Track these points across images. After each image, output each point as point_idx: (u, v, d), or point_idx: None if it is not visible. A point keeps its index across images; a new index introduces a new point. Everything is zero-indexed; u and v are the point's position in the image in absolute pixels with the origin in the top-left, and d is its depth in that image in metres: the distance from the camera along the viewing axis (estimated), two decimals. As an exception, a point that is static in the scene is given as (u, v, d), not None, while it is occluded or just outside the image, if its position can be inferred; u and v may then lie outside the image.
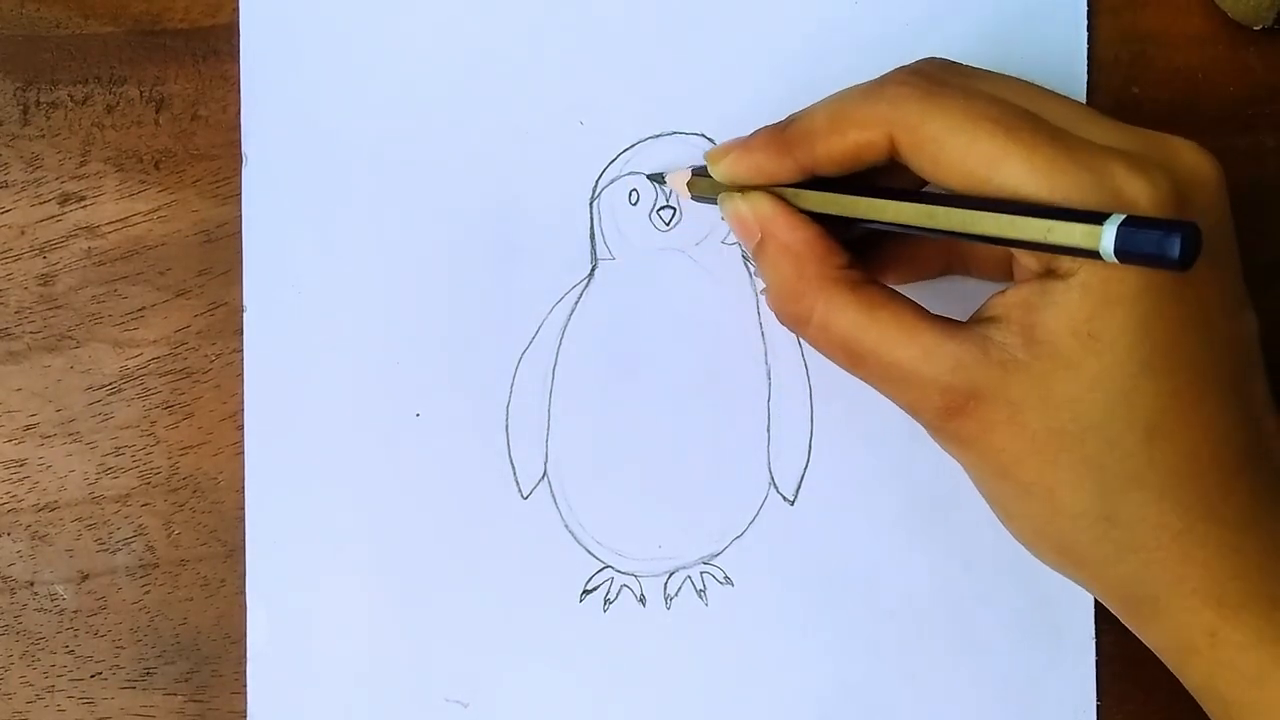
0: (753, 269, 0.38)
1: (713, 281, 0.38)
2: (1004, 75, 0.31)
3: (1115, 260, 0.25)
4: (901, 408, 0.31)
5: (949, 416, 0.29)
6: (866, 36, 0.38)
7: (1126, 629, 0.33)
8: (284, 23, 0.37)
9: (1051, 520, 0.30)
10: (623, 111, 0.38)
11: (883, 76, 0.31)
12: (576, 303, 0.38)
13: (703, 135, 0.37)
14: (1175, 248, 0.25)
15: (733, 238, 0.38)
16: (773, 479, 0.38)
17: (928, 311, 0.30)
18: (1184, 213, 0.28)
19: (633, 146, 0.38)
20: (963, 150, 0.28)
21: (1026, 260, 0.29)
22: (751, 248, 0.33)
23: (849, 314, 0.30)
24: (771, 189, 0.32)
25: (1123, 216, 0.25)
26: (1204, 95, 0.39)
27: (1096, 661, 0.38)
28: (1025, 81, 0.31)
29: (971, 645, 0.38)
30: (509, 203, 0.37)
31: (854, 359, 0.31)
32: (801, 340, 0.37)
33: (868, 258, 0.34)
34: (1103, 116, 0.30)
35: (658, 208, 0.38)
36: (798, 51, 0.38)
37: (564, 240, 0.38)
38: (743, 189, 0.33)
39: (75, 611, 0.37)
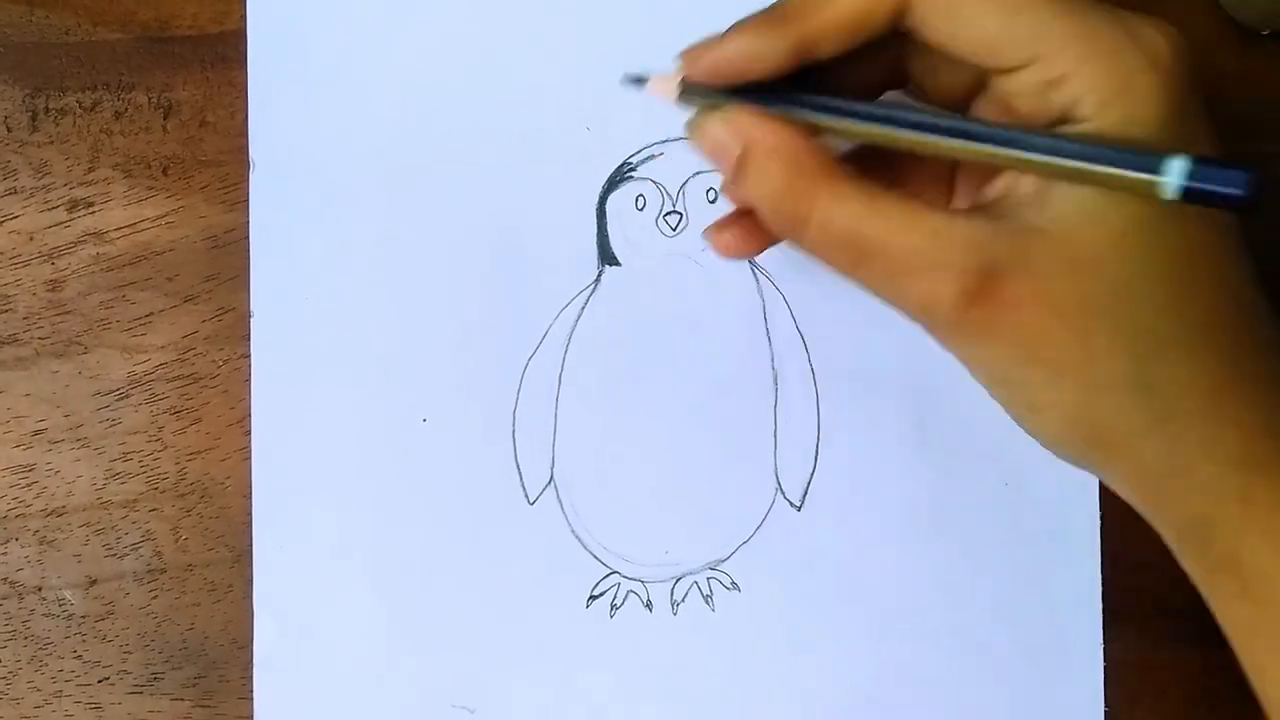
0: (759, 274, 0.38)
1: (719, 287, 0.38)
2: None
3: (1177, 195, 0.25)
4: (913, 313, 0.29)
5: (969, 304, 0.27)
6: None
7: (1134, 635, 0.33)
8: (291, 29, 0.37)
9: (1085, 399, 0.28)
10: (629, 117, 0.38)
11: None
12: (583, 308, 0.38)
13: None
14: (1243, 184, 0.25)
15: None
16: (779, 485, 0.38)
17: (930, 204, 0.28)
18: (1189, 65, 0.28)
19: (639, 152, 0.38)
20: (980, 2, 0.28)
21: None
22: (730, 170, 0.29)
23: (850, 205, 0.28)
24: (783, 110, 0.29)
25: (1190, 157, 0.25)
26: (1210, 100, 0.39)
27: (1104, 668, 0.38)
28: None
29: (978, 651, 0.38)
30: (515, 208, 0.38)
31: (857, 256, 0.28)
32: (809, 344, 0.37)
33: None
34: None
35: (664, 213, 0.38)
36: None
37: (570, 246, 0.38)
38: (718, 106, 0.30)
39: (83, 616, 0.37)
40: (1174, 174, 0.25)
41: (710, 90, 0.30)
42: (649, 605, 0.38)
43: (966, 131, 0.28)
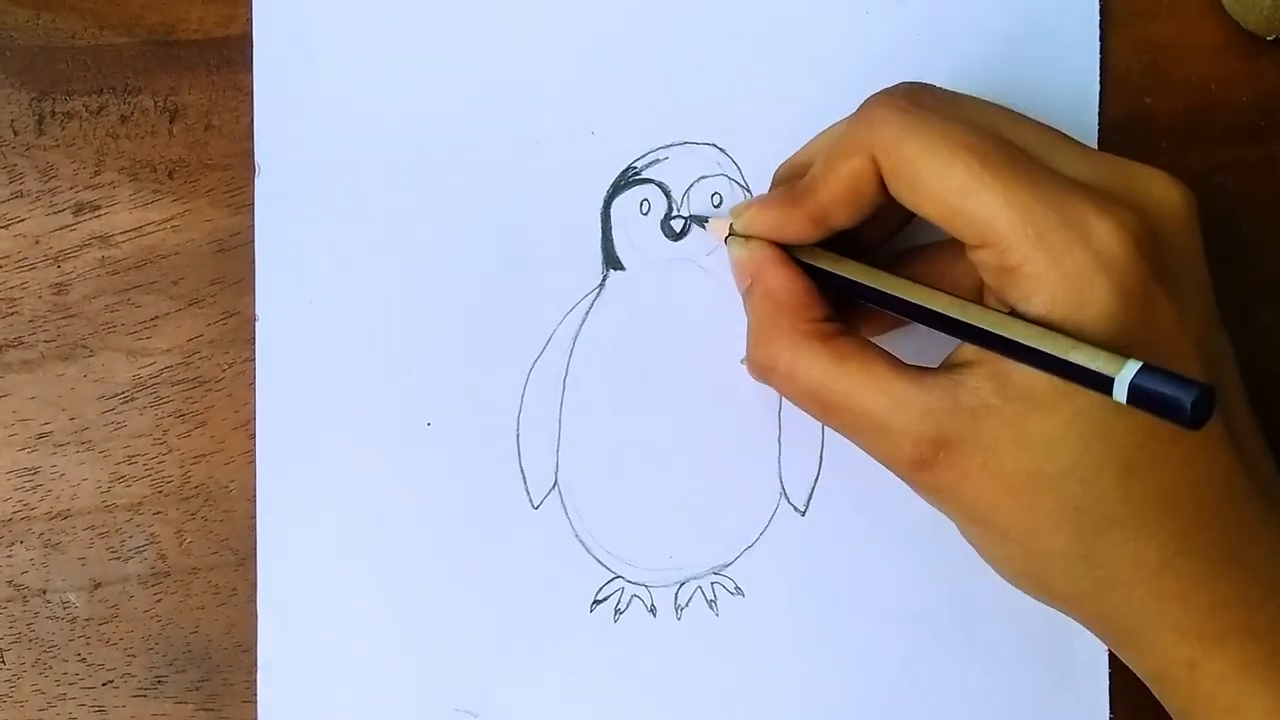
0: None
1: (724, 291, 0.38)
2: (979, 99, 0.31)
3: (1124, 401, 0.25)
4: (875, 459, 0.31)
5: (921, 468, 0.29)
6: (877, 47, 0.38)
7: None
8: (297, 33, 0.37)
9: (1031, 561, 0.30)
10: (634, 121, 0.38)
11: (863, 103, 0.31)
12: (588, 313, 0.38)
13: (714, 145, 0.38)
14: (1187, 404, 0.24)
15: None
16: (784, 489, 0.38)
17: (900, 362, 0.30)
18: (1154, 250, 0.28)
19: (644, 156, 0.38)
20: (938, 176, 0.28)
21: (996, 305, 0.29)
22: (742, 290, 0.34)
23: (819, 364, 0.31)
24: (811, 260, 0.33)
25: (1139, 364, 0.25)
26: (1217, 106, 0.39)
27: (1109, 674, 0.38)
28: (1000, 106, 0.31)
29: (983, 657, 0.38)
30: (520, 213, 0.38)
31: (824, 409, 0.31)
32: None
33: (843, 308, 0.34)
34: (1075, 143, 0.30)
35: (668, 218, 0.38)
36: (808, 62, 0.38)
37: (575, 250, 0.38)
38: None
39: (87, 620, 0.37)
40: (1121, 379, 0.25)
41: None
42: (653, 610, 0.38)
43: (940, 317, 0.29)
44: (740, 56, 0.38)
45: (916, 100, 0.30)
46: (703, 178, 0.38)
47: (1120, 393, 0.25)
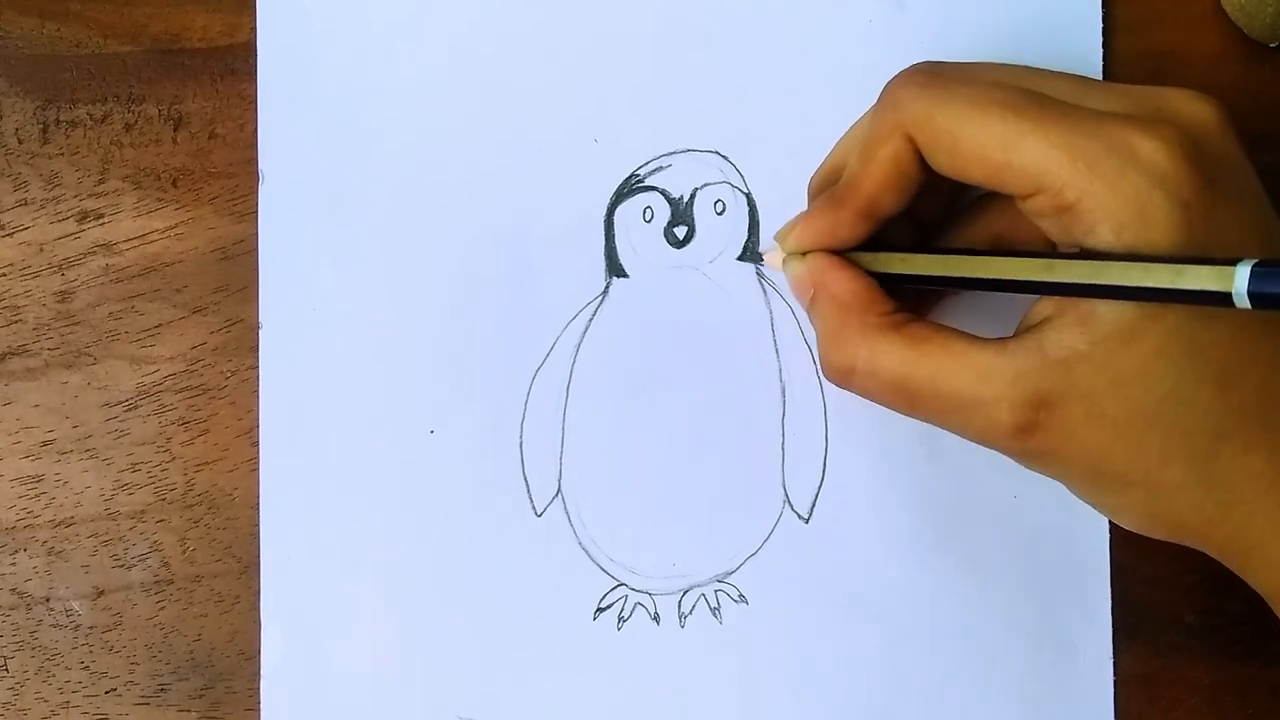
0: (767, 286, 0.38)
1: (727, 299, 0.38)
2: (994, 63, 0.31)
3: (1248, 305, 0.25)
4: (975, 440, 0.30)
5: (1025, 435, 0.29)
6: (879, 56, 0.38)
7: (1144, 649, 0.33)
8: (301, 42, 0.37)
9: (1156, 501, 0.29)
10: (636, 129, 0.38)
11: (885, 88, 0.31)
12: (591, 320, 0.38)
13: (717, 153, 0.38)
14: None
15: (745, 252, 0.38)
16: (787, 496, 0.38)
17: (977, 337, 0.30)
18: (1201, 160, 0.28)
19: (647, 164, 0.38)
20: (976, 138, 0.28)
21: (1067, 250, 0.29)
22: (806, 305, 0.33)
23: (895, 353, 0.30)
24: (864, 254, 0.32)
25: (1254, 261, 0.25)
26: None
27: (1114, 682, 0.38)
28: (1017, 64, 0.31)
29: (987, 663, 0.37)
30: (524, 220, 0.38)
31: (910, 399, 0.30)
32: (817, 358, 0.37)
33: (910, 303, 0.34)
34: (1100, 83, 0.31)
35: (671, 225, 0.38)
36: (811, 70, 0.38)
37: (578, 257, 0.38)
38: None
39: (90, 627, 0.37)
40: (1239, 291, 0.25)
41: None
42: (656, 617, 0.38)
43: (1026, 284, 0.29)
44: (743, 64, 0.38)
45: (936, 73, 0.30)
46: (706, 185, 0.38)
47: (1241, 299, 0.25)
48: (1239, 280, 0.25)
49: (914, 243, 0.34)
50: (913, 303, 0.34)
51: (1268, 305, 0.25)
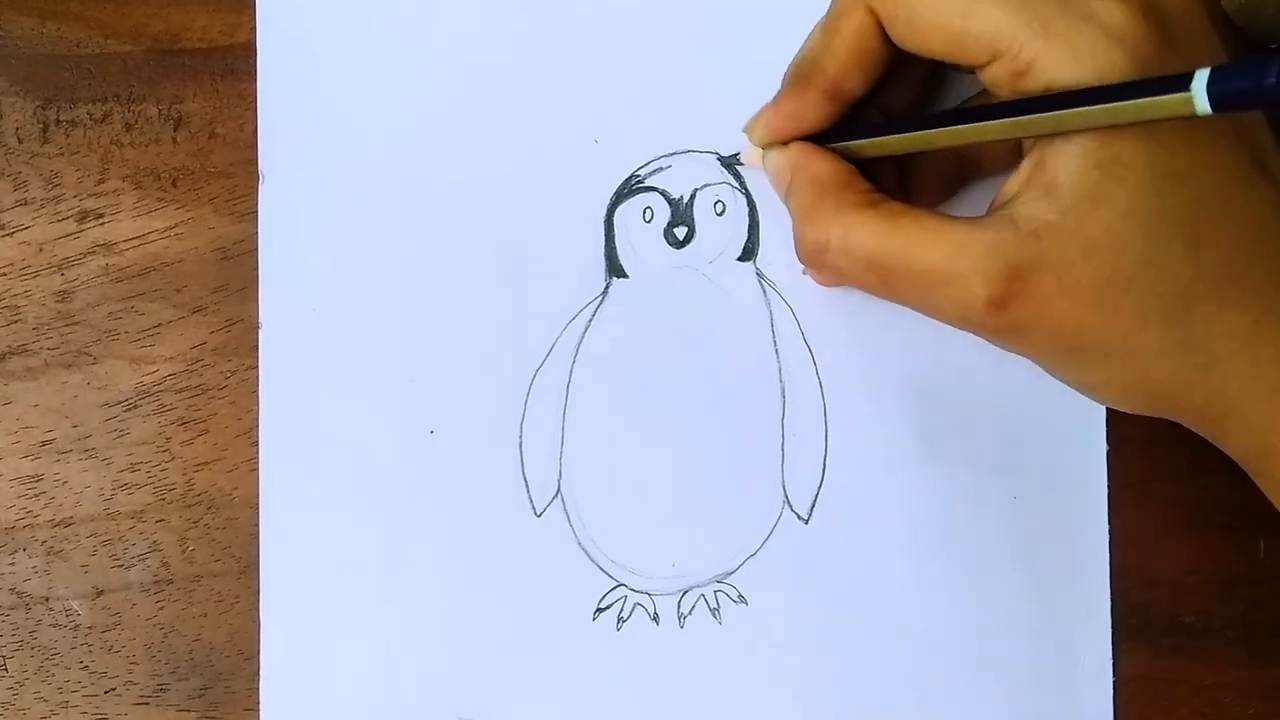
0: (767, 287, 0.38)
1: (727, 299, 0.38)
2: None
3: (1211, 111, 0.25)
4: (948, 319, 0.30)
5: (1000, 308, 0.29)
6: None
7: (1143, 650, 0.33)
8: (301, 42, 0.37)
9: (1133, 369, 0.30)
10: (636, 130, 0.38)
11: None
12: (590, 320, 0.38)
13: (716, 154, 0.38)
14: (1274, 74, 0.24)
15: (745, 253, 0.38)
16: (787, 497, 0.38)
17: (950, 215, 0.30)
18: (1158, 18, 0.28)
19: (646, 164, 0.38)
20: (934, 5, 0.29)
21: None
22: (783, 193, 0.33)
23: (870, 228, 0.30)
24: (837, 143, 0.33)
25: (1207, 70, 0.25)
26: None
27: (1114, 683, 0.38)
28: None
29: (986, 665, 0.37)
30: (523, 221, 0.38)
31: (883, 275, 0.30)
32: (816, 357, 0.37)
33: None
34: None
35: (671, 225, 0.38)
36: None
37: (578, 258, 0.38)
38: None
39: (90, 627, 0.37)
40: (1198, 92, 0.25)
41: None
42: (656, 618, 0.38)
43: (987, 113, 0.29)
44: (743, 66, 0.38)
45: None
46: (705, 185, 0.38)
47: (1202, 103, 0.25)
48: (1198, 80, 0.25)
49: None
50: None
51: (1229, 105, 0.25)
